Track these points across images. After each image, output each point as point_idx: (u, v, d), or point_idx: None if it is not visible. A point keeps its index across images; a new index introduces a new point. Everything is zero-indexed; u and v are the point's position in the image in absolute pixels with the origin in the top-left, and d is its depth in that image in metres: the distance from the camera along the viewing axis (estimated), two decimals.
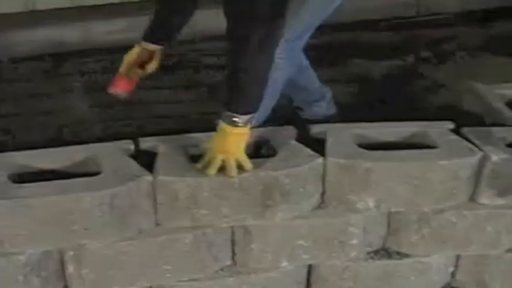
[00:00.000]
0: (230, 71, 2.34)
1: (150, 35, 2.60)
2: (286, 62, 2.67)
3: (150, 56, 2.62)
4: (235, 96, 2.34)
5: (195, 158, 2.48)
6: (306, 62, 2.94)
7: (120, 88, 2.61)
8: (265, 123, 2.70)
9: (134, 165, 2.44)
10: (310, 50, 2.85)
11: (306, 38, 2.75)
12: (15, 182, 2.36)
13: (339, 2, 2.72)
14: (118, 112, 2.90)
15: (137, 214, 2.40)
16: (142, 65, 2.63)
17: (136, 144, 2.57)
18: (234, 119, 2.32)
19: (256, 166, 2.42)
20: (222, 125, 2.34)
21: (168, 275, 2.51)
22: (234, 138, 2.35)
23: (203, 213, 2.43)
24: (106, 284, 2.47)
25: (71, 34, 4.00)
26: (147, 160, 2.48)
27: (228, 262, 2.60)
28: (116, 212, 2.34)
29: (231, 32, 2.29)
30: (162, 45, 2.61)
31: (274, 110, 2.76)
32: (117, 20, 3.90)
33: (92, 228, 2.35)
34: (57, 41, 3.94)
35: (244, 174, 2.40)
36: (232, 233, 2.54)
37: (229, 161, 2.37)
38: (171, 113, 3.09)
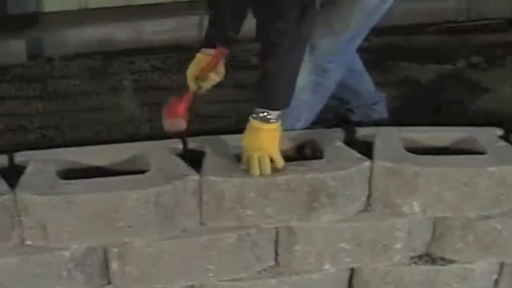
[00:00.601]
0: (262, 68, 2.36)
1: (209, 41, 2.60)
2: (336, 66, 2.67)
3: (211, 64, 2.60)
4: (267, 92, 2.36)
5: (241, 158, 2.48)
6: (360, 66, 2.93)
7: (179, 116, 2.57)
8: (313, 125, 2.69)
9: (181, 164, 2.44)
10: (359, 53, 2.83)
11: (357, 41, 2.74)
12: (63, 178, 2.37)
13: (389, 4, 2.69)
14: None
15: (182, 213, 2.40)
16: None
17: (184, 144, 2.57)
18: (266, 115, 2.32)
19: (303, 168, 2.42)
20: (254, 122, 2.34)
21: (210, 275, 2.50)
22: (267, 134, 2.35)
23: (248, 213, 2.43)
24: (148, 281, 2.47)
25: (121, 33, 4.04)
26: (194, 159, 2.47)
27: (271, 263, 2.58)
28: (161, 210, 2.34)
29: (261, 31, 2.32)
30: (223, 48, 2.60)
31: (322, 112, 2.75)
32: (166, 19, 3.92)
33: (137, 226, 2.35)
34: (107, 39, 3.98)
35: (291, 176, 2.39)
36: (277, 233, 2.53)
37: (264, 158, 2.36)
38: (219, 113, 3.09)
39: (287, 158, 2.45)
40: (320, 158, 2.52)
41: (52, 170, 2.40)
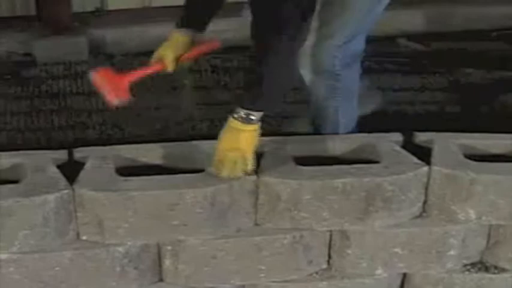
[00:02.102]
0: (257, 70, 2.33)
1: (187, 22, 2.56)
2: (342, 67, 2.67)
3: (201, 52, 2.60)
4: (255, 94, 2.32)
5: (298, 160, 2.47)
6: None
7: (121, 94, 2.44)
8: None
9: None
10: (420, 57, 2.81)
11: (358, 41, 2.73)
12: (121, 175, 2.39)
13: (384, 4, 2.67)
14: (223, 111, 2.89)
15: (237, 213, 2.40)
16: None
17: None
18: (249, 115, 2.28)
19: (360, 171, 2.41)
20: (234, 121, 2.30)
21: (262, 275, 2.49)
22: (247, 135, 2.31)
23: (303, 215, 2.41)
24: (200, 279, 2.47)
25: None
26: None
27: (323, 266, 2.57)
28: (216, 209, 2.34)
29: (257, 32, 2.32)
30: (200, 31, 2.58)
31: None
32: (228, 18, 3.90)
33: (192, 224, 2.35)
34: None
35: (348, 179, 2.38)
36: (330, 236, 2.51)
37: (239, 160, 2.32)
38: (275, 114, 3.08)
39: (345, 161, 2.44)
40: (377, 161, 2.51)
41: (111, 166, 2.42)
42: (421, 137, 2.67)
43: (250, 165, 2.35)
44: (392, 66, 3.85)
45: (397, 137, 2.66)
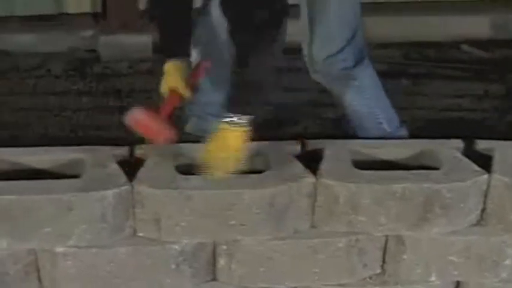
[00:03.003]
0: (239, 73, 2.34)
1: (175, 50, 2.56)
2: (355, 66, 2.71)
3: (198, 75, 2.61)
4: (241, 97, 2.33)
5: (357, 164, 2.46)
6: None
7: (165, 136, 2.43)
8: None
9: (298, 166, 2.43)
10: (483, 64, 2.78)
11: (360, 37, 2.73)
12: (182, 173, 2.39)
13: None
14: (286, 112, 2.90)
15: (294, 214, 2.38)
16: None
17: (303, 145, 2.57)
18: (238, 119, 2.29)
19: (420, 177, 2.39)
20: (223, 125, 2.31)
21: (316, 278, 2.47)
22: (236, 138, 2.32)
23: (360, 219, 2.40)
24: (253, 280, 2.46)
25: None
26: (312, 161, 2.46)
27: (377, 270, 2.54)
28: (274, 210, 2.33)
29: (234, 35, 2.33)
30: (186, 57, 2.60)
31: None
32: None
33: (249, 225, 2.34)
34: None
35: (407, 184, 2.35)
36: (386, 241, 2.49)
37: (228, 161, 2.33)
38: (336, 116, 3.07)
39: (404, 167, 2.42)
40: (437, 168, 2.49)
41: (171, 164, 2.42)
42: (481, 145, 2.65)
43: (240, 166, 2.35)
44: (455, 72, 3.83)
45: (458, 143, 2.64)
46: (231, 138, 2.31)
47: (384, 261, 2.54)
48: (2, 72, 3.80)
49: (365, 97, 2.77)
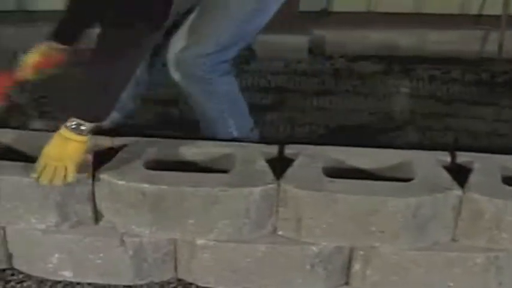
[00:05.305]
0: (86, 73, 2.27)
1: (59, 35, 2.56)
2: (214, 73, 2.67)
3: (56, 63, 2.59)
4: (87, 101, 2.26)
5: (508, 181, 2.41)
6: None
7: None
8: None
9: (446, 177, 2.40)
10: None
11: (231, 52, 2.70)
12: (327, 175, 2.39)
13: (268, 15, 2.64)
14: (435, 122, 2.87)
15: (436, 226, 2.35)
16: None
17: (453, 157, 2.54)
18: (80, 126, 2.22)
19: None
20: (64, 131, 2.24)
21: None
22: (75, 146, 2.25)
23: (503, 236, 2.34)
24: None
25: (404, 39, 4.04)
26: (461, 174, 2.42)
27: None
28: (416, 220, 2.30)
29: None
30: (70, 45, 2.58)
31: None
32: (451, 30, 3.85)
33: (389, 232, 2.32)
34: (390, 44, 3.99)
35: None
36: None
37: (60, 170, 2.24)
38: (489, 130, 3.02)
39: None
40: None
41: (319, 166, 2.42)
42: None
43: (71, 177, 2.27)
44: None
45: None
46: (69, 147, 2.25)
47: None
48: None
49: (216, 102, 2.77)
